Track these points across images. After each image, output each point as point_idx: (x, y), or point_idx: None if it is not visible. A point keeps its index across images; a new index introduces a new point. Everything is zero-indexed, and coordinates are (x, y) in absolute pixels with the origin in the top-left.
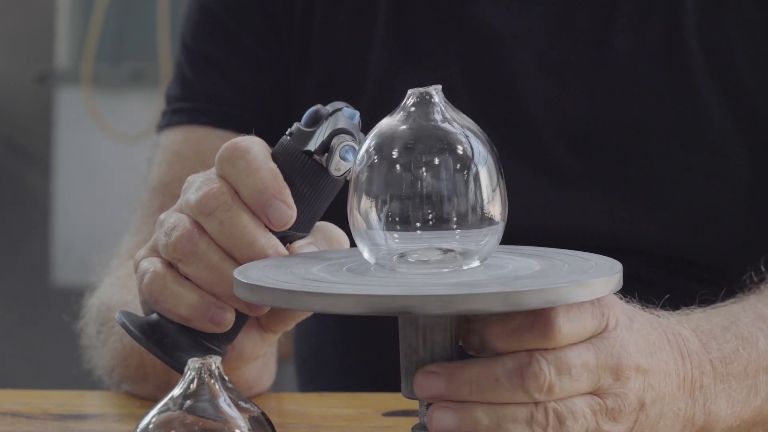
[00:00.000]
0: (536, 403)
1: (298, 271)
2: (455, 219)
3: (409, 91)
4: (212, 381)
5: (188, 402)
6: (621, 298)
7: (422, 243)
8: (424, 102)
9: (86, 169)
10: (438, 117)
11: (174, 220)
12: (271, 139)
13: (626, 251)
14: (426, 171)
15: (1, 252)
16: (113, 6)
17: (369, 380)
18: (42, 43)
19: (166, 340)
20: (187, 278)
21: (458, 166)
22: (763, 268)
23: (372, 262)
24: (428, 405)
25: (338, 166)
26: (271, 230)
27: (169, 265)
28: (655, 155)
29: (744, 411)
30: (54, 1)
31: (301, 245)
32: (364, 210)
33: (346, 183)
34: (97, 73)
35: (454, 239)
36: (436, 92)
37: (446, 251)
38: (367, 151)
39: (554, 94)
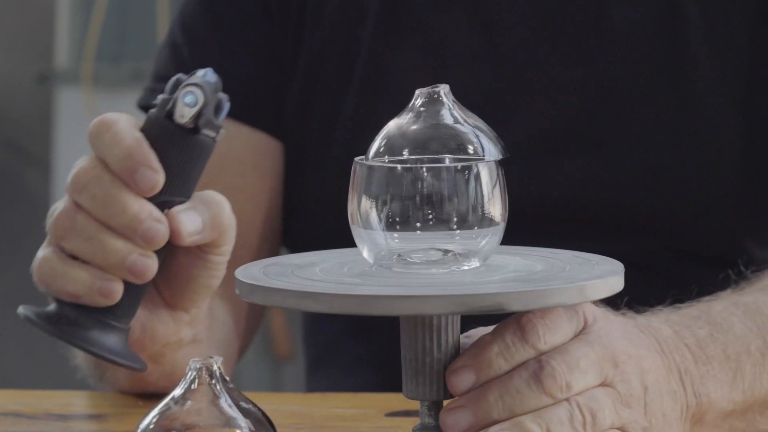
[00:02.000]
0: (569, 402)
1: (300, 271)
2: (455, 219)
3: (417, 92)
4: (213, 381)
5: (189, 402)
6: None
7: (422, 243)
8: (432, 101)
9: None
10: (446, 116)
11: (58, 203)
12: (267, 126)
13: (616, 222)
14: (426, 171)
15: (1, 252)
16: (113, 6)
17: (381, 372)
18: (42, 43)
19: (63, 321)
20: (74, 257)
21: (458, 166)
22: (742, 267)
23: (372, 262)
24: (428, 406)
25: (182, 113)
26: (149, 199)
27: (57, 248)
28: (646, 124)
29: (734, 393)
30: (54, 1)
31: (180, 209)
32: (364, 210)
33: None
34: (97, 73)
35: (454, 240)
36: (444, 92)
37: (446, 252)
38: (377, 151)
39: (549, 62)
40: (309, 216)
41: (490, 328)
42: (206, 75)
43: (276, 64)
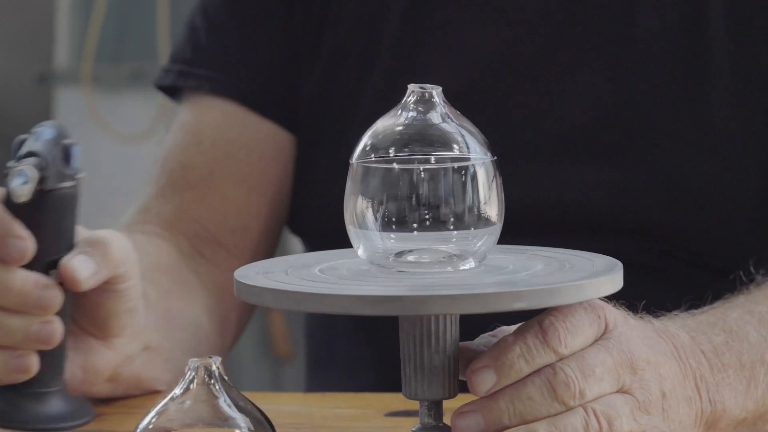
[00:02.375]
0: (585, 409)
1: (298, 271)
2: (452, 220)
3: (409, 87)
4: (212, 381)
5: (188, 402)
6: (608, 302)
7: (418, 243)
8: (423, 101)
9: (86, 169)
10: (436, 116)
11: None
12: (278, 116)
13: (627, 228)
14: (422, 171)
15: None
16: (113, 6)
17: (382, 371)
18: (42, 43)
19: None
20: None
21: (455, 166)
22: (752, 269)
23: (369, 263)
24: (428, 406)
25: (17, 194)
26: (33, 265)
27: None
28: (663, 133)
29: (747, 402)
30: (54, 1)
31: (69, 258)
32: (360, 210)
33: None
34: (97, 73)
35: (450, 240)
36: (435, 92)
37: (443, 252)
38: (363, 149)
39: (571, 65)
40: (319, 209)
41: (513, 328)
42: (42, 134)
43: (294, 56)
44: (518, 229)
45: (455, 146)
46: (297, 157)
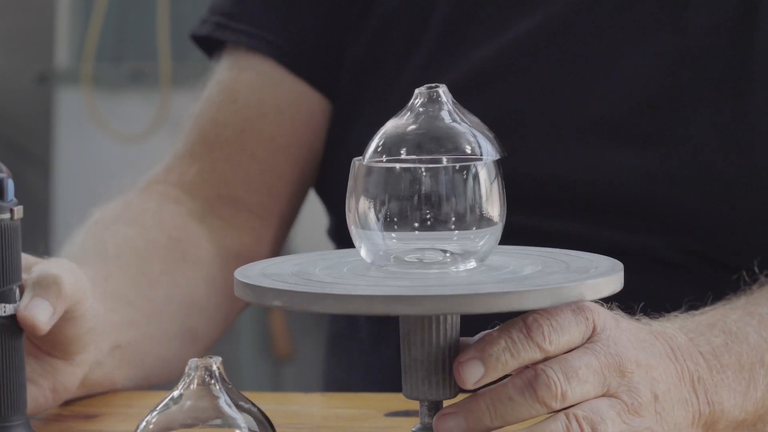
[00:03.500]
0: (567, 414)
1: (299, 271)
2: (453, 219)
3: (416, 91)
4: (212, 381)
5: (188, 402)
6: (602, 305)
7: (420, 243)
8: (431, 100)
9: (86, 169)
10: (444, 115)
11: None
12: (315, 79)
13: (658, 220)
14: (424, 171)
15: None
16: (113, 6)
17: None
18: (42, 43)
19: None
20: None
21: (457, 166)
22: (756, 269)
23: (370, 263)
24: (428, 406)
25: None
26: None
27: None
28: (703, 126)
29: (747, 403)
30: (54, 1)
31: (25, 305)
32: (362, 210)
33: None
34: (97, 73)
35: (452, 240)
36: (441, 90)
37: (444, 252)
38: (375, 151)
39: (618, 51)
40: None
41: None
42: None
43: (341, 18)
44: (550, 207)
45: (464, 145)
46: (331, 123)
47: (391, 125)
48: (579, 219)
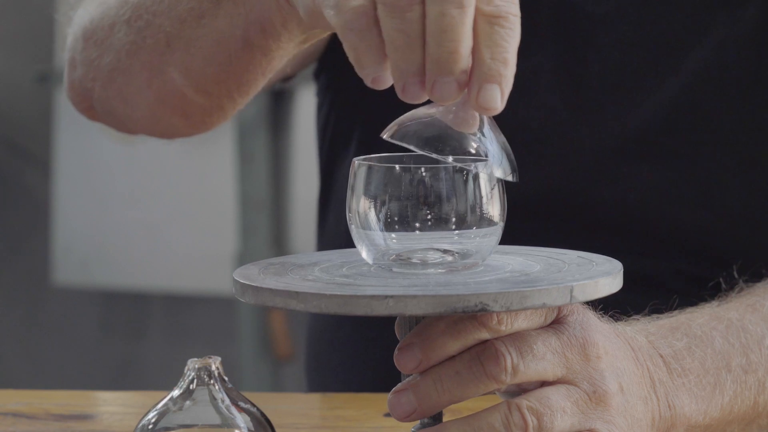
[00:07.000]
0: (509, 404)
1: (298, 270)
2: (454, 220)
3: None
4: (212, 381)
5: (187, 402)
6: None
7: (421, 243)
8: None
9: (86, 169)
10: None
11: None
12: None
13: (672, 237)
14: (425, 171)
15: (1, 252)
16: None
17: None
18: (42, 43)
19: None
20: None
21: (457, 166)
22: (735, 275)
23: (371, 263)
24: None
25: None
26: None
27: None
28: (721, 145)
29: (711, 409)
30: (54, 1)
31: None
32: (363, 210)
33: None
34: None
35: (452, 240)
36: None
37: (445, 252)
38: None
39: (642, 66)
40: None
41: None
42: None
43: None
44: (562, 222)
45: (464, 146)
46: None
47: (416, 112)
48: (595, 237)
